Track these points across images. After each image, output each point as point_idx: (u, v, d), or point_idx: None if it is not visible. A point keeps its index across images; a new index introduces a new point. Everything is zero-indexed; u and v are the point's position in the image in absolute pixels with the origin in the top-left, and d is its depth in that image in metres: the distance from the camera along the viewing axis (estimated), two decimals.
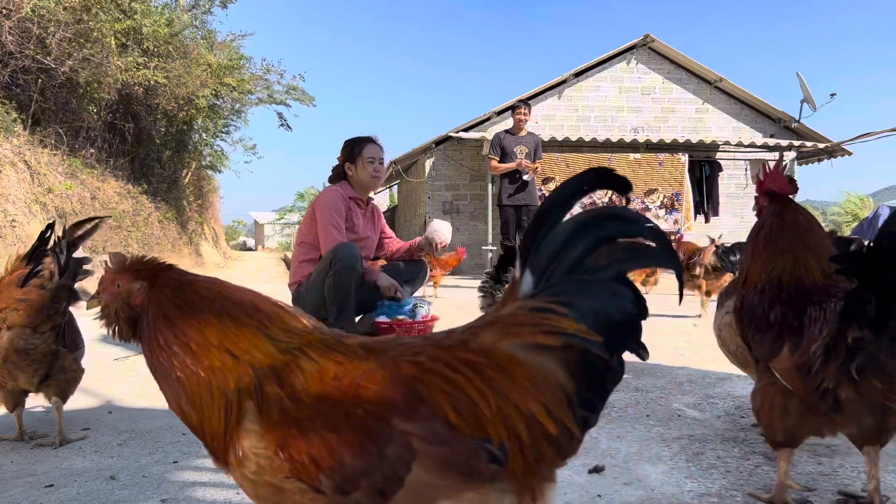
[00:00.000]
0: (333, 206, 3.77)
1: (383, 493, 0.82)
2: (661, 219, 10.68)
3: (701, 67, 12.83)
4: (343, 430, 0.83)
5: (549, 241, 0.95)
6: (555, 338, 0.89)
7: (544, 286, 0.94)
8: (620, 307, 0.93)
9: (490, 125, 12.07)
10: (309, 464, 0.82)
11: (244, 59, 15.72)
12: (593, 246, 0.94)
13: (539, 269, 0.95)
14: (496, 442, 0.84)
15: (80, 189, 9.75)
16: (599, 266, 0.94)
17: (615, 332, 0.92)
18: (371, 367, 0.89)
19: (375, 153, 3.88)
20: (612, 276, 0.94)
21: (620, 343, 0.94)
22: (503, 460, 0.84)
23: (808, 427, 1.42)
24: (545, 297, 0.93)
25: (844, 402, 1.29)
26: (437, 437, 0.83)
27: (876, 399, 1.25)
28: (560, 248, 0.95)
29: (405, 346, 0.94)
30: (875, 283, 1.18)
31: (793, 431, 1.43)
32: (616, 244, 0.96)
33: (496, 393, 0.86)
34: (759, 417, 1.50)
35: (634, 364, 3.18)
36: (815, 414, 1.37)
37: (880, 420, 1.33)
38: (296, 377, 0.87)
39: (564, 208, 0.98)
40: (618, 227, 0.96)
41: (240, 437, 0.86)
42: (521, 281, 0.96)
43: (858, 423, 1.35)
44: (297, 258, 3.94)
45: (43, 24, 9.02)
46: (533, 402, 0.86)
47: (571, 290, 0.93)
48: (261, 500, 0.87)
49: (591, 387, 0.91)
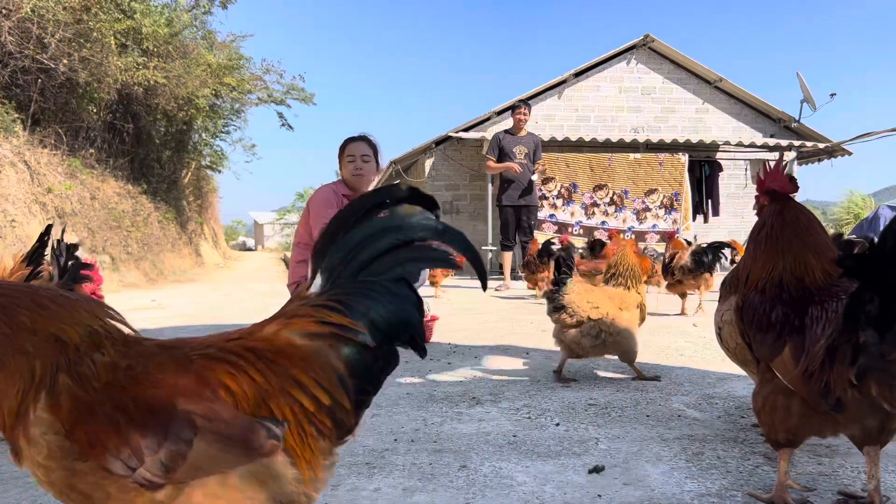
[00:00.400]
0: (325, 202, 3.80)
1: (168, 468, 0.89)
2: (661, 218, 10.67)
3: (701, 67, 12.83)
4: (130, 411, 0.90)
5: (339, 246, 1.06)
6: (325, 327, 1.00)
7: (330, 287, 1.05)
8: (394, 306, 1.04)
9: (490, 125, 12.07)
10: (98, 444, 0.89)
11: (244, 60, 15.72)
12: (378, 252, 1.05)
13: (328, 271, 1.06)
14: (279, 417, 0.95)
15: (80, 189, 9.74)
16: (383, 269, 1.05)
17: (385, 328, 1.03)
18: (162, 359, 0.97)
19: (355, 151, 3.90)
20: (392, 278, 1.06)
21: (390, 338, 1.05)
22: (281, 436, 0.94)
23: (810, 427, 1.42)
24: (327, 296, 1.04)
25: (846, 403, 1.28)
26: (217, 416, 0.91)
27: (877, 402, 1.25)
28: (349, 252, 1.06)
29: (198, 342, 1.03)
30: (878, 284, 1.17)
31: (793, 431, 1.42)
32: (402, 250, 1.06)
33: (275, 373, 0.97)
34: (760, 417, 1.49)
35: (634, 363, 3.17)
36: (817, 414, 1.37)
37: (882, 421, 1.33)
38: (87, 368, 0.93)
39: (362, 218, 1.08)
40: (401, 235, 1.07)
41: (29, 424, 0.90)
42: (311, 282, 1.07)
43: (860, 423, 1.34)
44: (295, 258, 3.96)
45: (43, 25, 9.01)
46: (308, 378, 0.98)
47: (351, 290, 1.04)
48: (54, 485, 0.92)
49: (360, 372, 1.02)
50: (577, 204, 10.67)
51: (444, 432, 2.03)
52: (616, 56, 12.92)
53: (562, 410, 2.28)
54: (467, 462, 1.74)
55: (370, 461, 1.76)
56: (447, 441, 1.93)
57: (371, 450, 1.86)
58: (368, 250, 1.05)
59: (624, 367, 3.10)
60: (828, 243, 1.53)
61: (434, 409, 2.31)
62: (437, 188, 12.46)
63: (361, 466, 1.72)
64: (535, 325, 4.70)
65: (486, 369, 3.06)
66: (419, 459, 1.77)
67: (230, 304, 6.74)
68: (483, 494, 1.52)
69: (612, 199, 10.72)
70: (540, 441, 1.93)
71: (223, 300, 7.10)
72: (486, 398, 2.47)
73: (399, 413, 2.27)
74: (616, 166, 10.68)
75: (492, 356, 3.39)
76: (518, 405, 2.36)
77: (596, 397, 2.47)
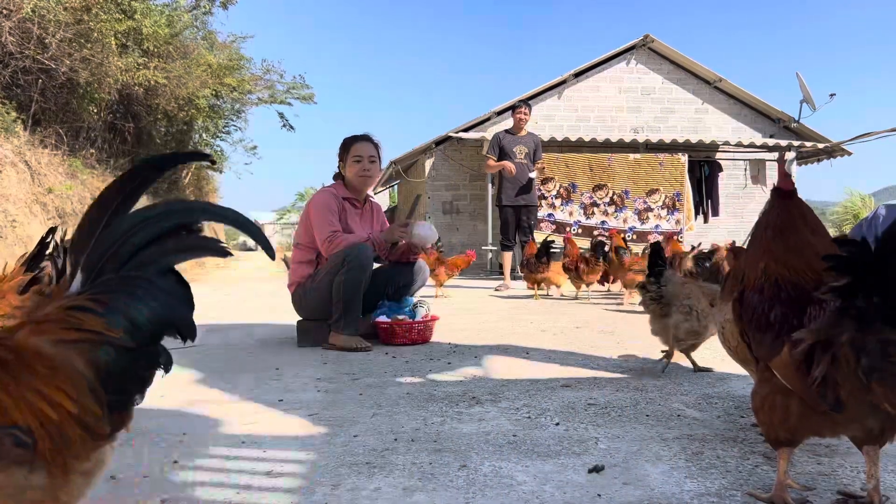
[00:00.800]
0: (326, 206, 3.78)
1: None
2: (664, 219, 10.66)
3: (700, 67, 12.83)
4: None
5: (100, 240, 0.99)
6: (76, 333, 0.96)
7: (90, 285, 0.99)
8: (157, 303, 1.00)
9: (490, 125, 12.07)
10: None
11: (244, 60, 15.73)
12: (142, 243, 1.00)
13: (90, 267, 0.99)
14: (24, 426, 0.91)
15: (81, 189, 9.75)
16: (147, 262, 1.00)
17: (147, 327, 0.99)
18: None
19: (362, 151, 3.87)
20: (158, 271, 1.00)
21: (153, 336, 1.00)
22: (30, 443, 0.91)
23: (809, 427, 1.42)
24: (85, 296, 0.98)
25: (846, 402, 1.29)
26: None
27: (877, 402, 1.25)
28: (110, 246, 0.99)
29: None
30: (876, 283, 1.17)
31: (793, 431, 1.42)
32: (169, 240, 1.01)
33: (20, 383, 0.93)
34: (759, 416, 1.50)
35: (635, 364, 3.18)
36: (816, 414, 1.37)
37: (883, 421, 1.33)
38: None
39: (122, 206, 1.01)
40: (166, 223, 1.00)
41: None
42: (70, 280, 1.01)
43: (860, 423, 1.35)
44: (295, 259, 3.95)
45: (43, 25, 9.02)
46: (53, 388, 0.94)
47: (112, 287, 0.99)
48: None
49: (115, 375, 0.98)
50: (576, 204, 10.67)
51: (444, 432, 2.03)
52: (616, 56, 12.93)
53: (561, 410, 2.29)
54: (467, 461, 1.75)
55: (370, 460, 1.77)
56: (447, 440, 1.94)
57: (371, 449, 1.86)
58: (131, 242, 0.99)
59: (623, 366, 3.10)
60: (829, 243, 1.53)
61: (434, 409, 2.32)
62: (437, 188, 12.46)
63: (361, 466, 1.72)
64: (534, 324, 4.71)
65: (486, 369, 3.07)
66: (419, 459, 1.77)
67: (230, 304, 6.74)
68: (483, 494, 1.52)
69: (611, 199, 10.71)
70: (540, 440, 1.93)
71: (223, 300, 7.11)
72: (486, 398, 2.48)
73: (399, 413, 2.27)
74: (616, 166, 10.68)
75: (492, 356, 3.40)
76: (518, 405, 2.37)
77: (596, 397, 2.47)
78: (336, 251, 3.62)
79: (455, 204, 12.54)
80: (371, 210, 4.06)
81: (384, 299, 3.96)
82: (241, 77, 15.02)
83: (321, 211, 3.72)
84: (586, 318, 5.09)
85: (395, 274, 4.05)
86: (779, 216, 1.57)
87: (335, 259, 3.62)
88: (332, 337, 3.67)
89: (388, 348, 3.67)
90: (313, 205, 3.79)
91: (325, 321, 3.72)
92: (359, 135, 3.89)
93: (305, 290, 3.78)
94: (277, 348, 3.77)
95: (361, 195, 3.96)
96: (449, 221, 12.47)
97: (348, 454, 1.82)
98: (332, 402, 2.44)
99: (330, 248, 3.65)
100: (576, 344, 3.80)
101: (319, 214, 3.72)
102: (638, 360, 3.28)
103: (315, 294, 3.71)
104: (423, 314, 3.90)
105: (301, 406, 2.39)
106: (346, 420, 2.19)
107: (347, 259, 3.57)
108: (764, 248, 1.57)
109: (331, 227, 3.65)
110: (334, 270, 3.61)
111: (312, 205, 3.80)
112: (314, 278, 3.73)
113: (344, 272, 3.57)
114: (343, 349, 3.60)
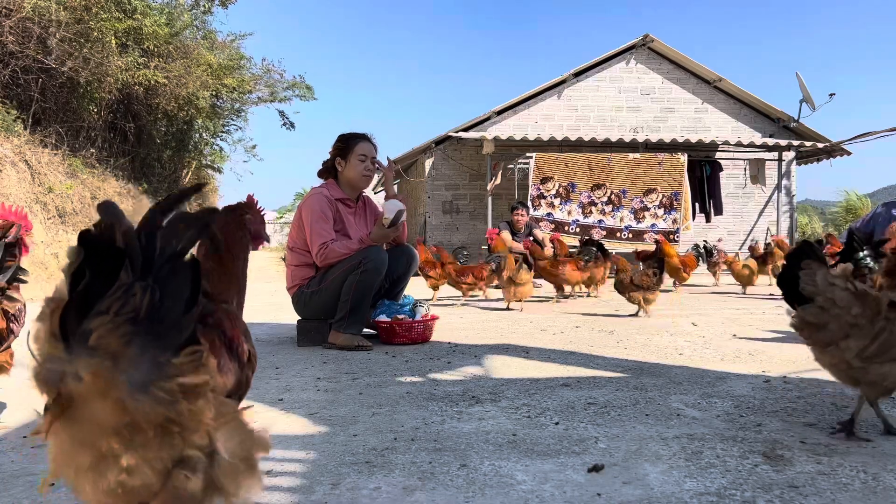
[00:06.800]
0: (320, 213, 3.73)
1: None
2: (660, 218, 10.67)
3: (700, 67, 12.83)
4: None
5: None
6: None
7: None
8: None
9: (490, 125, 12.07)
10: None
11: (244, 60, 15.72)
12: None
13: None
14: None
15: (81, 189, 9.75)
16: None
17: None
18: None
19: (368, 151, 3.85)
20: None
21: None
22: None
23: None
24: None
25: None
26: None
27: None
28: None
29: None
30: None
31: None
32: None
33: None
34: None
35: (634, 363, 3.18)
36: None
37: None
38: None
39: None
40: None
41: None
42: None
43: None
44: (292, 263, 3.91)
45: (43, 24, 9.03)
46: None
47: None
48: None
49: None
50: (575, 203, 10.68)
51: (444, 431, 2.04)
52: (615, 56, 12.92)
53: (561, 409, 2.29)
54: (467, 461, 1.75)
55: (370, 460, 1.77)
56: (447, 440, 1.94)
57: (371, 448, 1.87)
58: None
59: (623, 366, 3.11)
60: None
61: (434, 408, 2.32)
62: (437, 188, 12.46)
63: (361, 465, 1.73)
64: (534, 324, 4.72)
65: (485, 368, 3.07)
66: (419, 458, 1.78)
67: None
68: (483, 493, 1.53)
69: (609, 199, 10.72)
70: (539, 440, 1.94)
71: None
72: (486, 397, 2.48)
73: (399, 412, 2.28)
74: (615, 166, 10.68)
75: (492, 356, 3.40)
76: (518, 404, 2.37)
77: (595, 396, 2.48)
78: (330, 262, 3.62)
79: (455, 203, 12.54)
80: (364, 206, 4.02)
81: (383, 299, 3.96)
82: (241, 77, 15.02)
83: (314, 220, 3.66)
84: (586, 318, 5.10)
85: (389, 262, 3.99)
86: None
87: (350, 259, 3.61)
88: (332, 336, 3.66)
89: (388, 348, 3.68)
90: (306, 209, 3.73)
91: (327, 320, 3.72)
92: (359, 133, 3.86)
93: (312, 290, 3.76)
94: (277, 348, 3.77)
95: (357, 194, 3.93)
96: (449, 221, 12.47)
97: (348, 453, 1.82)
98: (332, 402, 2.45)
99: (324, 261, 3.65)
100: (575, 343, 3.81)
101: (313, 223, 3.67)
102: (636, 359, 3.28)
103: (326, 293, 3.69)
104: (423, 314, 3.91)
105: (301, 405, 2.40)
106: (346, 419, 2.20)
107: (364, 261, 3.56)
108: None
109: (321, 239, 3.63)
110: (349, 271, 3.60)
111: (305, 209, 3.74)
112: (324, 278, 3.71)
113: (359, 273, 3.56)
114: (343, 348, 3.60)
